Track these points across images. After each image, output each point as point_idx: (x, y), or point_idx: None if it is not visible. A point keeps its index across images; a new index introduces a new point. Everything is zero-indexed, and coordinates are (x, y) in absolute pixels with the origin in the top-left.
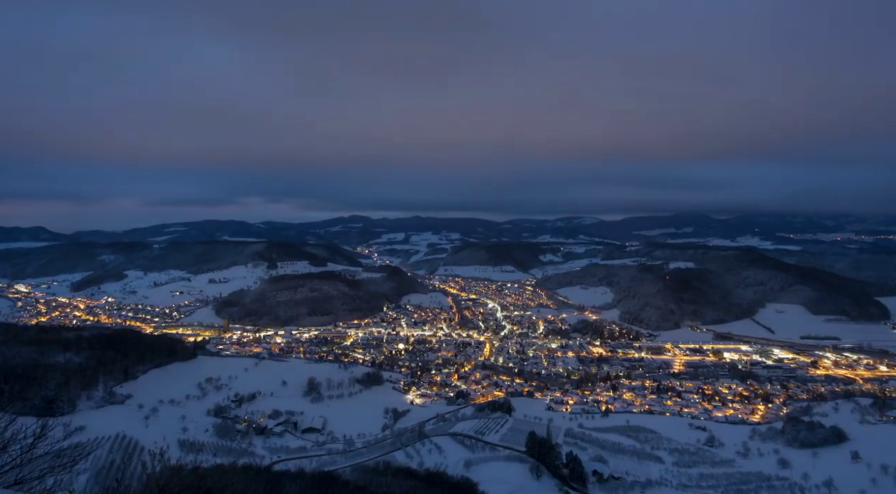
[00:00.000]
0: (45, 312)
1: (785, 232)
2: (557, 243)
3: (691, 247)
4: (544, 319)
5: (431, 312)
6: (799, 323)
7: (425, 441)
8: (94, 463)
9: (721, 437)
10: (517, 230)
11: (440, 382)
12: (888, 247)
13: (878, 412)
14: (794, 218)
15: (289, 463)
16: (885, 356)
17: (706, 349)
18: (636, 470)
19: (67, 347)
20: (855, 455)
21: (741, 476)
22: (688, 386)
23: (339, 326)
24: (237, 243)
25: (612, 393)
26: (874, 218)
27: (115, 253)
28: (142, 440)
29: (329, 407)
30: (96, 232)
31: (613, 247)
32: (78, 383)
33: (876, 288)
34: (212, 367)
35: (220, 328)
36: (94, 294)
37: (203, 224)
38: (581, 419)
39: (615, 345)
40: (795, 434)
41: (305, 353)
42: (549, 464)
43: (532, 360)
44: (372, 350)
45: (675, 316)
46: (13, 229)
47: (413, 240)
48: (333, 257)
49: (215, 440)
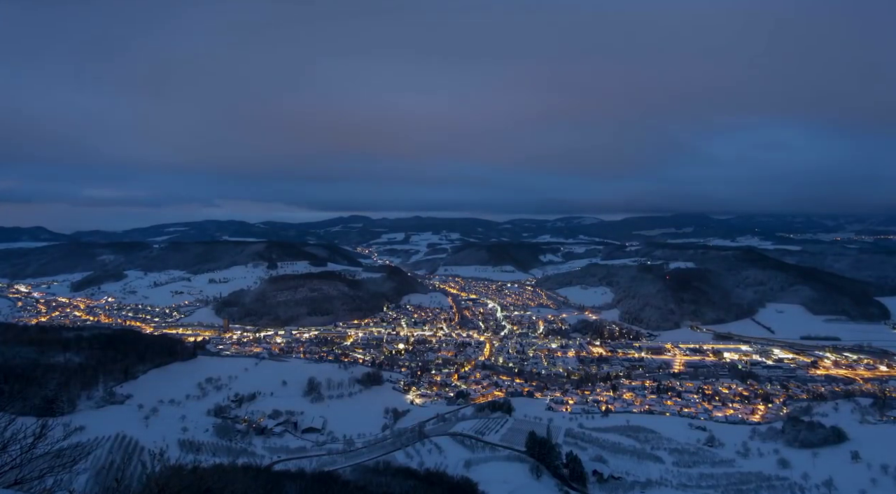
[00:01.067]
0: (44, 312)
1: (785, 232)
2: (557, 243)
3: (691, 246)
4: (544, 319)
5: (431, 312)
6: (799, 323)
7: (425, 441)
8: (94, 463)
9: (721, 437)
10: (517, 230)
11: (440, 382)
12: (888, 246)
13: (879, 412)
14: (794, 218)
15: (289, 463)
16: (885, 356)
17: (706, 349)
18: (636, 470)
19: (67, 347)
20: (855, 455)
21: (741, 476)
22: (688, 385)
23: (339, 326)
24: (237, 243)
25: (612, 393)
26: (874, 218)
27: (114, 254)
28: (142, 440)
29: (329, 407)
30: (96, 232)
31: (613, 246)
32: (78, 383)
33: (876, 288)
34: (212, 367)
35: (220, 328)
36: (94, 294)
37: (203, 224)
38: (581, 419)
39: (615, 345)
40: (795, 434)
41: (305, 353)
42: (549, 464)
43: (532, 360)
44: (372, 350)
45: (675, 316)
46: (13, 229)
47: (413, 240)
48: (333, 257)
49: (215, 440)
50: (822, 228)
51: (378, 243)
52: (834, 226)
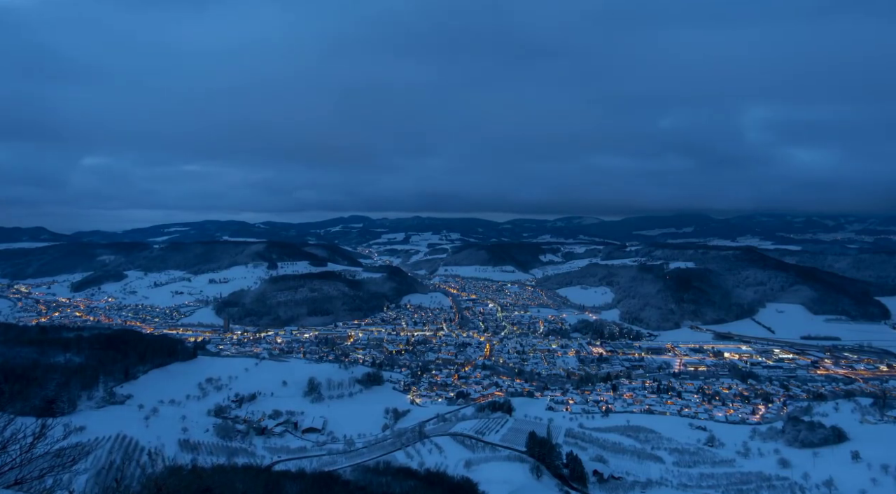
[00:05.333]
0: (45, 312)
1: (785, 232)
2: (557, 243)
3: (691, 246)
4: (544, 319)
5: (431, 312)
6: (799, 323)
7: (426, 441)
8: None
9: (721, 437)
10: (517, 230)
11: (440, 382)
12: (888, 246)
13: (879, 412)
14: (795, 218)
15: (289, 463)
16: (886, 356)
17: (706, 349)
18: (636, 470)
19: (67, 347)
20: (855, 455)
21: (741, 476)
22: (688, 385)
23: (340, 326)
24: (237, 243)
25: (612, 393)
26: (874, 218)
27: (115, 254)
28: (142, 440)
29: (329, 407)
30: (96, 232)
31: (613, 247)
32: (78, 383)
33: (876, 288)
34: (212, 367)
35: (220, 328)
36: (94, 294)
37: (203, 224)
38: (581, 419)
39: (615, 345)
40: (796, 433)
41: (306, 353)
42: (550, 464)
43: (532, 360)
44: (372, 350)
45: (676, 316)
46: (13, 229)
47: (413, 240)
48: (333, 257)
49: (215, 440)
50: (822, 228)
51: (378, 243)
52: (834, 226)
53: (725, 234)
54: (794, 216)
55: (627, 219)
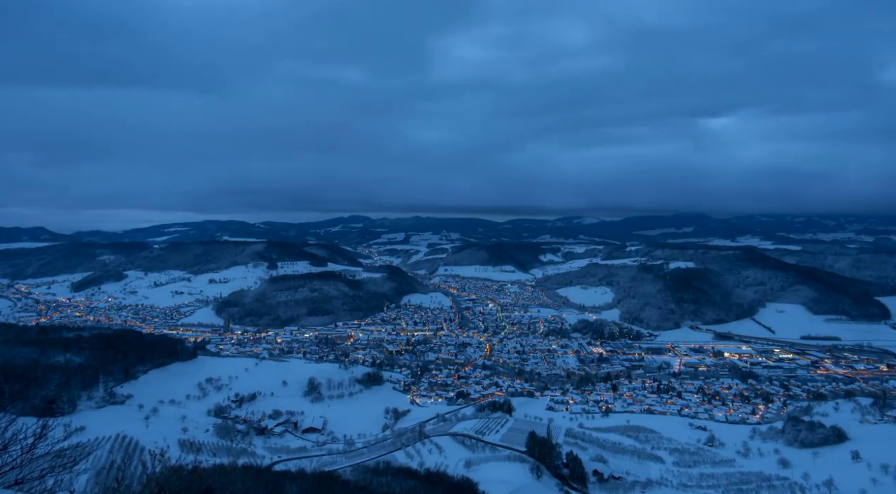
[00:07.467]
0: (45, 312)
1: (785, 232)
2: (557, 243)
3: (691, 246)
4: (544, 319)
5: (431, 312)
6: (799, 323)
7: (426, 441)
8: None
9: (721, 437)
10: (517, 230)
11: (440, 382)
12: (888, 246)
13: (879, 412)
14: (795, 218)
15: (289, 463)
16: (886, 355)
17: (706, 349)
18: (636, 470)
19: (68, 347)
20: (855, 455)
21: (741, 476)
22: (688, 385)
23: (340, 326)
24: (237, 243)
25: (612, 393)
26: (874, 218)
27: (115, 254)
28: (142, 440)
29: (329, 407)
30: (96, 232)
31: (613, 246)
32: (78, 383)
33: (876, 288)
34: (212, 367)
35: (220, 328)
36: (94, 294)
37: (203, 224)
38: (581, 419)
39: (615, 345)
40: (796, 433)
41: (306, 353)
42: (550, 464)
43: (532, 360)
44: (372, 350)
45: (676, 316)
46: (13, 229)
47: (413, 240)
48: (333, 257)
49: (216, 440)
50: (822, 228)
51: (378, 243)
52: (834, 226)
53: (725, 234)
54: (794, 216)
55: (627, 219)
